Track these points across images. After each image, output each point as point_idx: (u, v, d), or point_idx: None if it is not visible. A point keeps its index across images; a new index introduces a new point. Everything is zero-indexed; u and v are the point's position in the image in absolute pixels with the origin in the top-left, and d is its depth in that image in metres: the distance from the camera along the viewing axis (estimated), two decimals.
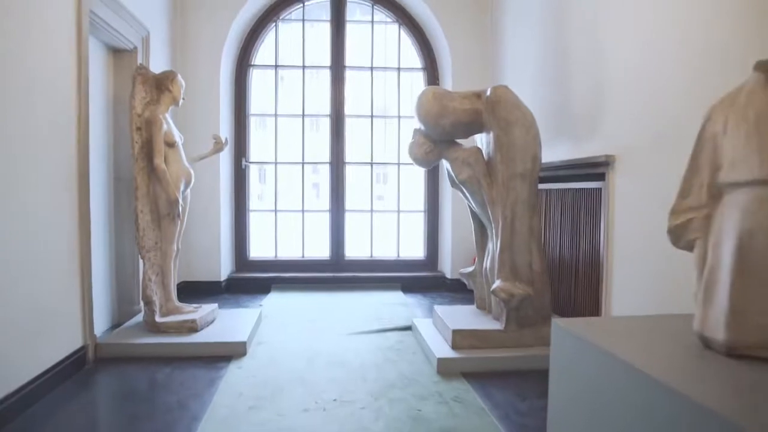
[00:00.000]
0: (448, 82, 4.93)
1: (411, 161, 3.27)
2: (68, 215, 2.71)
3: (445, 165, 3.24)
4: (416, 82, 5.27)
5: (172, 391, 2.51)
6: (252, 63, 5.09)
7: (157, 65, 3.99)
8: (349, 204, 5.20)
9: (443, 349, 2.89)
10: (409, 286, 4.95)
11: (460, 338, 2.88)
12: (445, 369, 2.75)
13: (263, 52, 5.13)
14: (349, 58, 5.16)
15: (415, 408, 2.33)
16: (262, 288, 4.84)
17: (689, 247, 1.50)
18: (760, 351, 1.26)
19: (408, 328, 3.59)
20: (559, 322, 1.61)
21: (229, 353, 3.03)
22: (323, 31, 5.16)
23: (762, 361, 1.25)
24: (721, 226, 1.38)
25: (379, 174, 5.47)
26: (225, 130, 4.75)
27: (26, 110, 2.33)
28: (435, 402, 2.39)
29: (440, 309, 3.35)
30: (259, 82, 5.17)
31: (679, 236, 1.53)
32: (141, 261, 3.28)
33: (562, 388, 1.59)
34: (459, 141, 3.22)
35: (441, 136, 3.10)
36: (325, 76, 5.18)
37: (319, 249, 5.21)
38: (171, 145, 3.25)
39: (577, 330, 1.53)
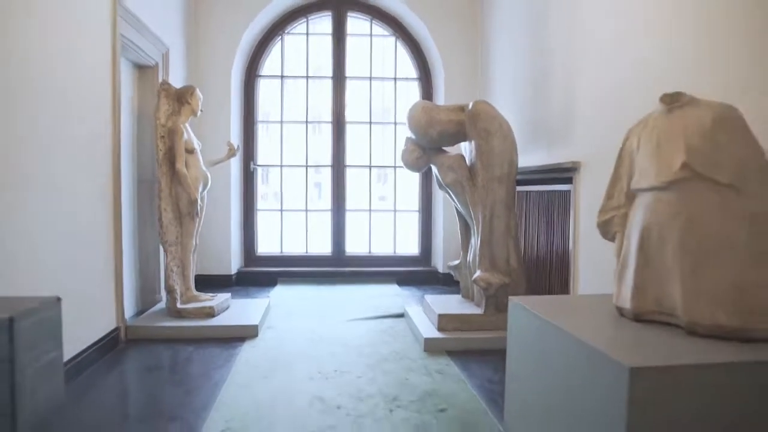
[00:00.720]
0: (440, 91, 5.34)
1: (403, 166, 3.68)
2: (105, 216, 3.13)
3: (433, 170, 3.65)
4: (412, 91, 5.68)
5: (195, 365, 2.93)
6: (259, 73, 5.51)
7: (175, 78, 4.41)
8: (349, 204, 5.61)
9: (430, 331, 3.30)
10: (404, 280, 5.37)
11: (445, 321, 3.30)
12: (431, 347, 3.17)
13: (270, 63, 5.55)
14: (349, 69, 5.57)
15: (403, 377, 2.74)
16: (269, 281, 5.25)
17: (613, 239, 1.91)
18: (656, 316, 1.67)
19: (401, 315, 4.01)
20: (513, 298, 2.03)
21: (243, 335, 3.45)
22: (325, 43, 5.57)
23: (657, 323, 1.66)
24: (631, 221, 1.80)
25: (381, 175, 5.89)
26: (235, 135, 5.17)
27: (72, 124, 2.75)
28: (420, 373, 2.81)
29: (429, 297, 3.77)
30: (266, 90, 5.59)
31: (605, 231, 1.95)
32: (164, 254, 3.69)
33: (514, 350, 2.01)
34: (446, 149, 3.64)
35: (429, 144, 3.51)
36: (327, 85, 5.59)
37: (322, 245, 5.63)
38: (190, 151, 3.67)
39: (527, 303, 1.94)
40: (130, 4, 3.46)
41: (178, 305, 3.61)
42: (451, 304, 3.58)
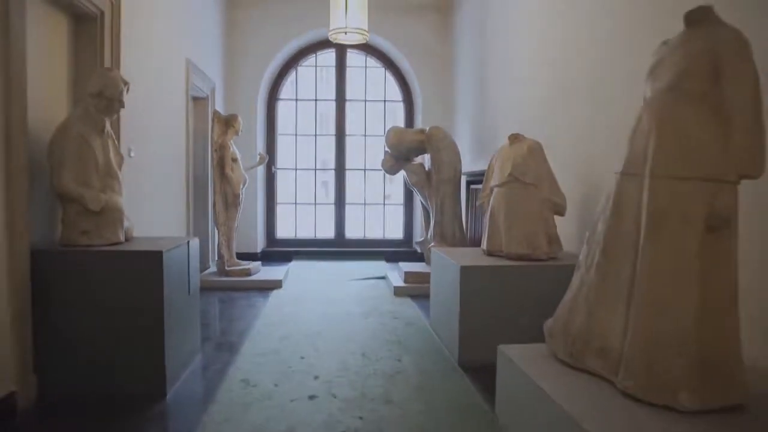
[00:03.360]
0: (419, 111, 6.89)
1: (382, 170, 5.24)
2: (182, 206, 4.72)
3: (403, 174, 5.21)
4: (398, 111, 7.23)
5: (243, 301, 4.51)
6: (279, 97, 7.08)
7: (218, 105, 5.99)
8: (348, 199, 7.17)
9: (399, 283, 4.86)
10: (390, 257, 6.91)
11: (408, 276, 4.86)
12: (399, 292, 4.73)
13: (287, 89, 7.12)
14: (349, 93, 7.13)
15: (378, 305, 4.31)
16: (286, 258, 6.82)
17: (484, 213, 3.47)
18: (496, 252, 3.22)
19: (383, 277, 5.57)
20: (434, 247, 3.59)
21: (272, 287, 5.02)
22: (330, 73, 7.13)
23: (496, 256, 3.21)
24: (491, 203, 3.35)
25: (383, 176, 7.44)
26: (260, 146, 6.75)
27: (163, 143, 4.34)
28: (390, 304, 4.37)
29: (402, 264, 5.33)
30: (283, 111, 7.17)
31: (482, 208, 3.51)
32: (215, 234, 5.26)
33: (433, 283, 3.57)
34: (414, 160, 5.19)
35: (400, 156, 5.07)
36: (331, 105, 7.15)
37: (327, 231, 7.19)
38: (234, 160, 5.24)
39: (439, 251, 3.50)
40: (192, 54, 5.03)
41: (226, 267, 5.19)
42: (415, 267, 5.14)
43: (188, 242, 2.87)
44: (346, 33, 4.23)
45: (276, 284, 5.07)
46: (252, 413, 2.31)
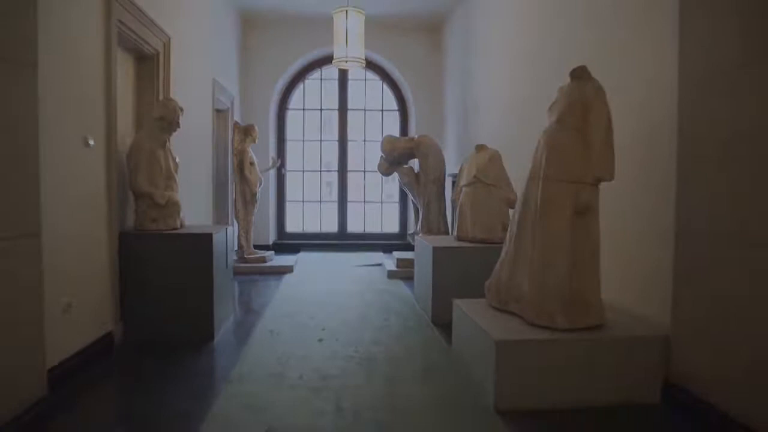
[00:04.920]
0: (413, 120, 7.78)
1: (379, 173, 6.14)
2: (209, 203, 5.62)
3: (396, 176, 6.10)
4: (394, 120, 8.12)
5: (262, 282, 5.41)
6: (288, 107, 7.98)
7: (236, 115, 6.89)
8: (350, 197, 8.07)
9: (392, 268, 5.76)
10: (387, 249, 7.79)
11: (399, 263, 5.75)
12: (392, 276, 5.62)
13: (295, 100, 8.02)
14: (350, 103, 8.02)
15: (375, 286, 5.20)
16: (294, 250, 7.71)
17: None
18: (464, 238, 4.11)
19: (380, 264, 6.46)
20: (418, 236, 4.49)
21: (285, 271, 5.92)
22: (333, 86, 8.03)
23: (466, 240, 4.09)
24: (461, 199, 4.23)
25: (381, 177, 8.32)
26: (272, 150, 7.64)
27: (195, 150, 5.24)
28: (384, 285, 5.27)
29: (395, 252, 6.23)
30: (292, 119, 8.06)
31: (454, 204, 4.40)
32: (235, 226, 6.16)
33: (416, 265, 4.47)
34: (407, 163, 6.08)
35: (393, 161, 5.96)
36: (335, 114, 8.05)
37: (331, 226, 8.09)
38: (251, 164, 6.14)
39: (423, 239, 4.39)
40: (217, 74, 5.93)
41: (245, 255, 6.09)
42: (407, 255, 6.03)
43: (226, 229, 3.78)
44: (347, 62, 5.11)
45: (288, 269, 5.97)
46: (277, 349, 3.21)
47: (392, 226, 8.21)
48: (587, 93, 2.53)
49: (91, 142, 2.92)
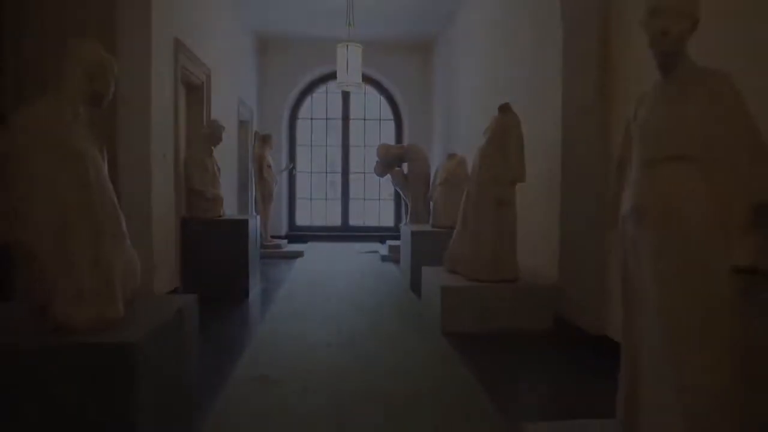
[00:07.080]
0: (407, 129, 8.98)
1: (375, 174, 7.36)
2: (234, 200, 6.84)
3: (390, 177, 7.32)
4: (390, 128, 9.33)
5: (278, 265, 6.63)
6: (298, 117, 9.21)
7: (255, 124, 8.12)
8: (352, 194, 9.28)
9: (385, 254, 6.97)
10: (383, 240, 9.00)
11: (391, 249, 6.96)
12: (384, 260, 6.84)
13: (304, 110, 9.24)
14: (352, 113, 9.24)
15: (370, 267, 6.42)
16: (303, 240, 8.94)
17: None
18: (438, 225, 5.32)
19: (376, 251, 7.67)
20: (402, 226, 5.70)
21: (297, 256, 7.15)
22: (337, 98, 9.25)
23: (437, 228, 5.30)
24: (436, 196, 5.43)
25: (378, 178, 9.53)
26: (285, 154, 8.87)
27: (224, 156, 6.46)
28: (378, 267, 6.48)
29: (388, 242, 7.45)
30: (302, 126, 9.29)
31: (432, 198, 5.61)
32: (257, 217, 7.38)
33: (402, 253, 5.68)
34: (398, 166, 7.29)
35: (387, 164, 7.17)
36: (338, 123, 9.26)
37: (335, 220, 9.31)
38: (269, 167, 7.37)
39: (407, 227, 5.60)
40: (241, 92, 7.15)
41: (264, 243, 7.31)
42: (397, 243, 7.23)
43: (256, 218, 5.02)
44: (348, 85, 6.34)
45: (300, 254, 7.20)
46: (297, 304, 4.43)
47: (388, 220, 9.43)
48: (508, 121, 3.73)
49: (166, 156, 4.15)
